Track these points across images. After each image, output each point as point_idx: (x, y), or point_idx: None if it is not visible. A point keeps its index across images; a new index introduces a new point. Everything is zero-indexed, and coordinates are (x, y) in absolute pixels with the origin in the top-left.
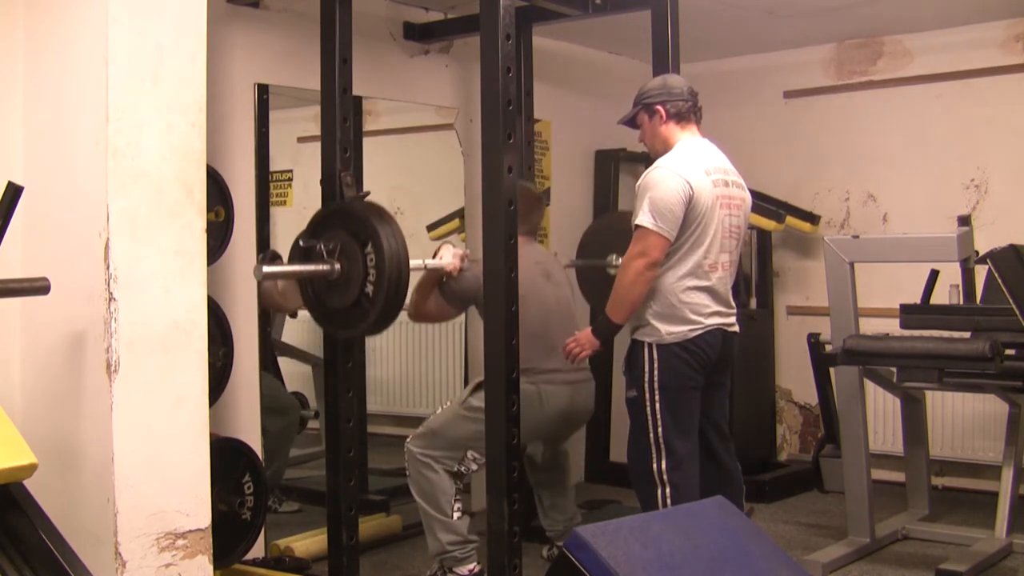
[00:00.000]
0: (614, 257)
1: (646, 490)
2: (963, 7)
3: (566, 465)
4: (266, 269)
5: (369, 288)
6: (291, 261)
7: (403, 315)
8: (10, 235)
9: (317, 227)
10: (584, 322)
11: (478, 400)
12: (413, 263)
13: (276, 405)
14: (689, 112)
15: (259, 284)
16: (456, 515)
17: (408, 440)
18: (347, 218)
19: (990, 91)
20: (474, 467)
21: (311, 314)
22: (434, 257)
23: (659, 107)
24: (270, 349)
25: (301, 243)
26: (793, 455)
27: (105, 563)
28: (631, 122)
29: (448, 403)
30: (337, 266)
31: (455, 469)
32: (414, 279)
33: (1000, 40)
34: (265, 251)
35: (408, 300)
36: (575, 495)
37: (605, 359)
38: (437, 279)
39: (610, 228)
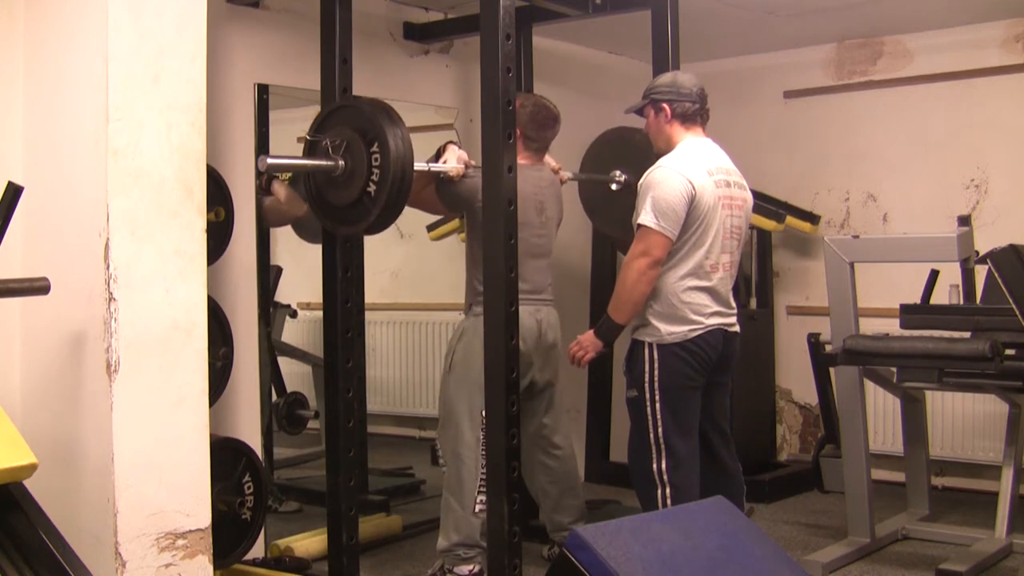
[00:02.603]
0: (617, 172)
1: (646, 490)
2: (963, 7)
3: (564, 448)
4: (270, 161)
5: (372, 187)
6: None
7: (403, 315)
8: (10, 235)
9: (325, 122)
10: (573, 309)
11: (456, 358)
12: (418, 166)
13: None
14: (695, 114)
15: (260, 203)
16: (478, 507)
17: (436, 434)
18: (355, 115)
19: (990, 91)
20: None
21: (312, 208)
22: (439, 159)
23: (665, 105)
24: (270, 349)
25: (308, 136)
26: (793, 455)
27: (105, 563)
28: (640, 111)
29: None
30: (341, 163)
31: (480, 436)
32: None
33: (1000, 40)
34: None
35: None
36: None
37: (605, 359)
38: (435, 175)
39: (616, 142)
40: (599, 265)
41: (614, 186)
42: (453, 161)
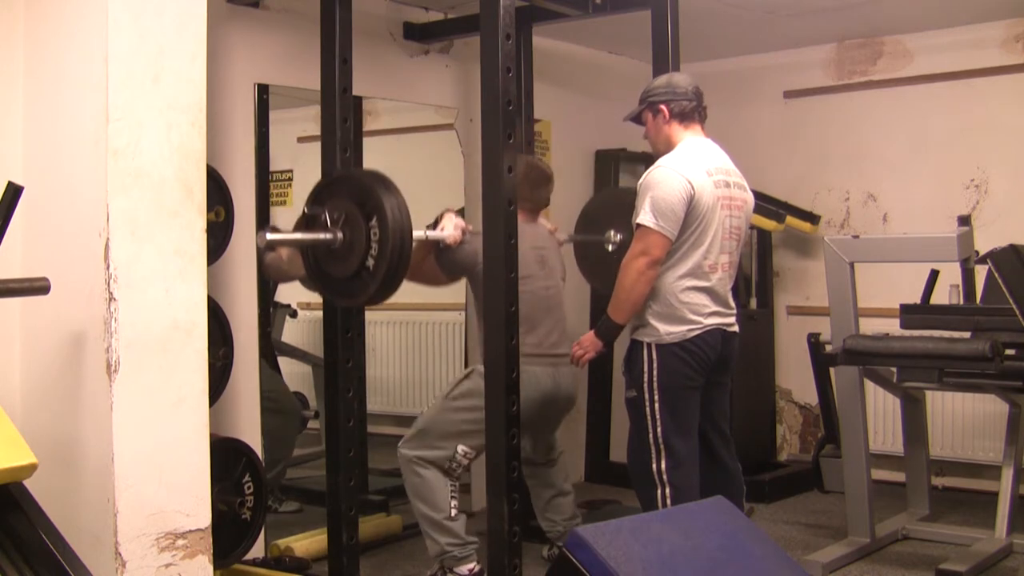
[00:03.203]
0: (612, 232)
1: (646, 490)
2: (963, 7)
3: (558, 461)
4: (269, 236)
5: (371, 261)
6: (296, 226)
7: (403, 315)
8: (10, 235)
9: (322, 194)
10: (572, 309)
11: (463, 389)
12: (415, 234)
13: (277, 406)
14: (693, 112)
15: (262, 257)
16: (454, 512)
17: (399, 444)
18: (352, 186)
19: (990, 91)
20: (465, 462)
21: (310, 279)
22: (435, 227)
23: (663, 106)
24: (270, 349)
25: (306, 210)
26: (793, 455)
27: (105, 563)
28: (636, 119)
29: (432, 401)
30: (340, 235)
31: (446, 466)
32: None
33: (1000, 40)
34: (265, 227)
35: None
36: (575, 495)
37: (605, 359)
38: (434, 245)
39: (610, 203)
40: None
41: (610, 247)
42: (451, 228)
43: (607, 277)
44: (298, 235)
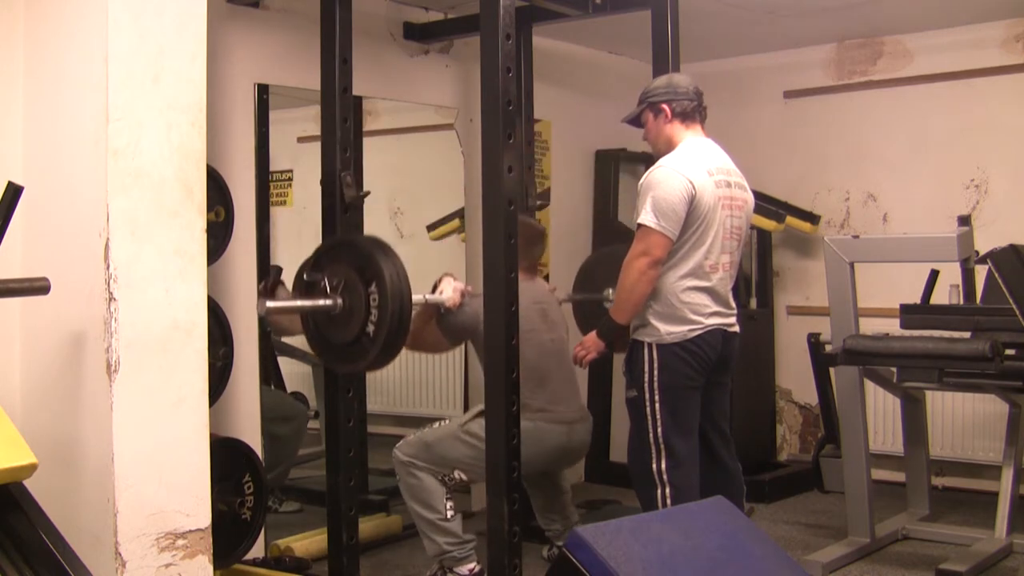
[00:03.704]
0: (611, 291)
1: (646, 490)
2: (963, 7)
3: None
4: (269, 304)
5: (371, 327)
6: (295, 290)
7: None
8: (10, 235)
9: (321, 259)
10: (569, 308)
11: (478, 427)
12: (414, 298)
13: (283, 412)
14: (694, 112)
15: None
16: (450, 512)
17: (396, 446)
18: (351, 252)
19: (990, 91)
20: (459, 482)
21: (311, 347)
22: (434, 290)
23: (664, 106)
24: (270, 350)
25: (305, 276)
26: (793, 455)
27: (105, 563)
28: (635, 121)
29: (447, 421)
30: (339, 301)
31: (440, 477)
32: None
33: (1000, 40)
34: (267, 275)
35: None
36: (574, 495)
37: (605, 359)
38: (435, 310)
39: (607, 261)
40: None
41: (607, 305)
42: (449, 291)
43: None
44: (298, 303)
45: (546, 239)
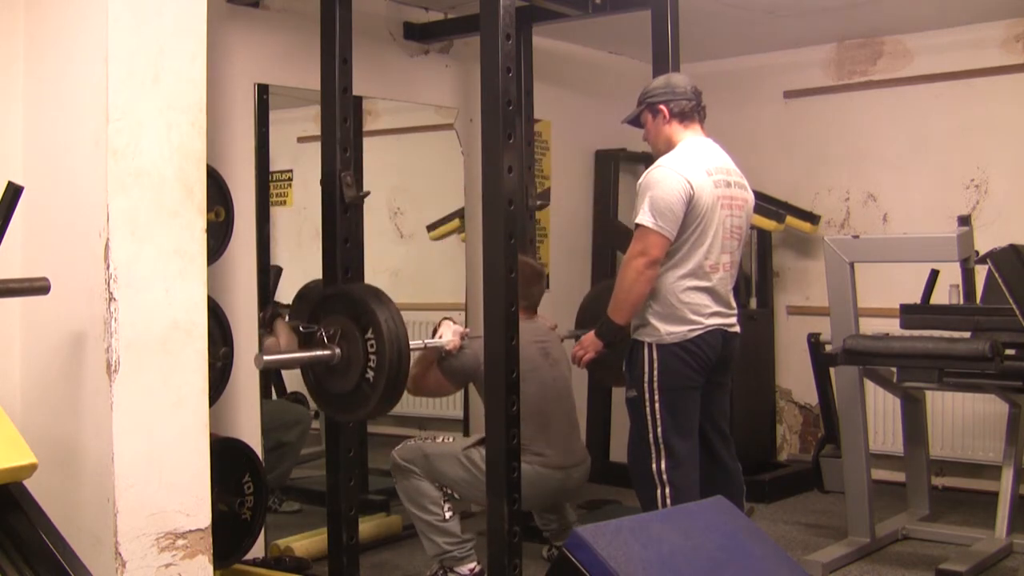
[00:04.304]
0: None
1: (646, 490)
2: (963, 7)
3: None
4: (266, 358)
5: (370, 374)
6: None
7: (403, 315)
8: (10, 235)
9: (317, 310)
10: (568, 306)
11: (479, 456)
12: (413, 344)
13: (288, 419)
14: (693, 111)
15: (262, 341)
16: (448, 514)
17: (395, 449)
18: (346, 302)
19: (990, 91)
20: (453, 495)
21: (312, 398)
22: (434, 335)
23: (662, 106)
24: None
25: (301, 328)
26: (793, 455)
27: (105, 563)
28: (635, 121)
29: (450, 438)
30: (338, 351)
31: (435, 484)
32: (413, 358)
33: (1000, 40)
34: (266, 308)
35: (410, 374)
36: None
37: (604, 359)
38: (436, 355)
39: (607, 295)
40: (599, 265)
41: None
42: (449, 335)
43: (608, 370)
44: (296, 355)
45: (544, 278)
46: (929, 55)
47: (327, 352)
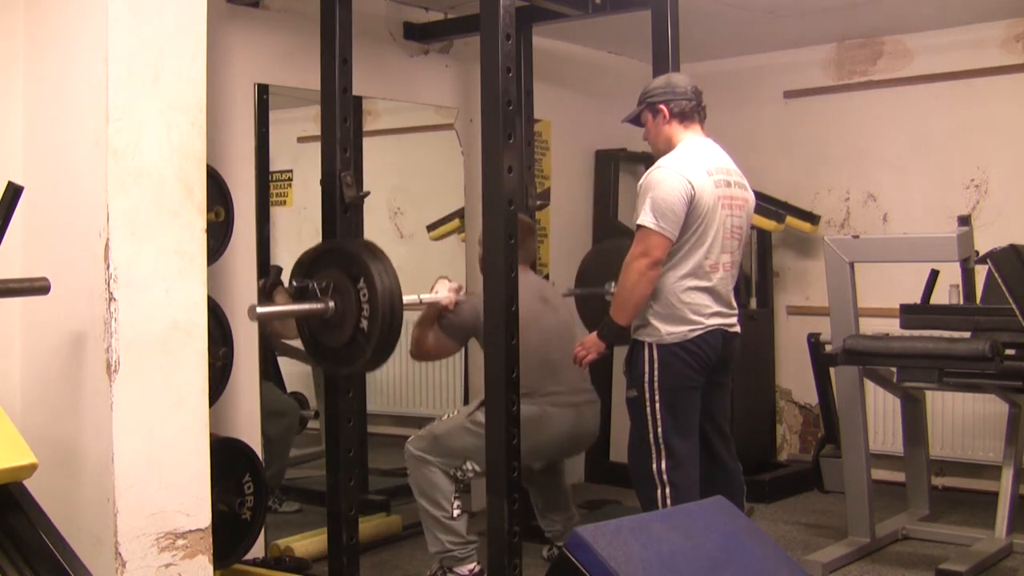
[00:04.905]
0: (612, 284)
1: (646, 490)
2: (963, 7)
3: (560, 468)
4: (260, 310)
5: (364, 324)
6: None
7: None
8: (10, 235)
9: (310, 266)
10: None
11: (484, 416)
12: (408, 298)
13: (275, 408)
14: (693, 111)
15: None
16: (456, 512)
17: (408, 440)
18: (339, 256)
19: (990, 91)
20: (471, 475)
21: (309, 354)
22: (430, 292)
23: (662, 106)
24: (270, 350)
25: (295, 283)
26: (793, 455)
27: (105, 563)
28: (635, 120)
29: (455, 411)
30: (331, 304)
31: (452, 473)
32: (411, 315)
33: (1000, 40)
34: (267, 273)
35: (411, 337)
36: (574, 495)
37: (605, 359)
38: (436, 314)
39: (608, 255)
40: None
41: (608, 298)
42: (444, 291)
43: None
44: (289, 307)
45: (537, 233)
46: (929, 55)
47: (320, 305)
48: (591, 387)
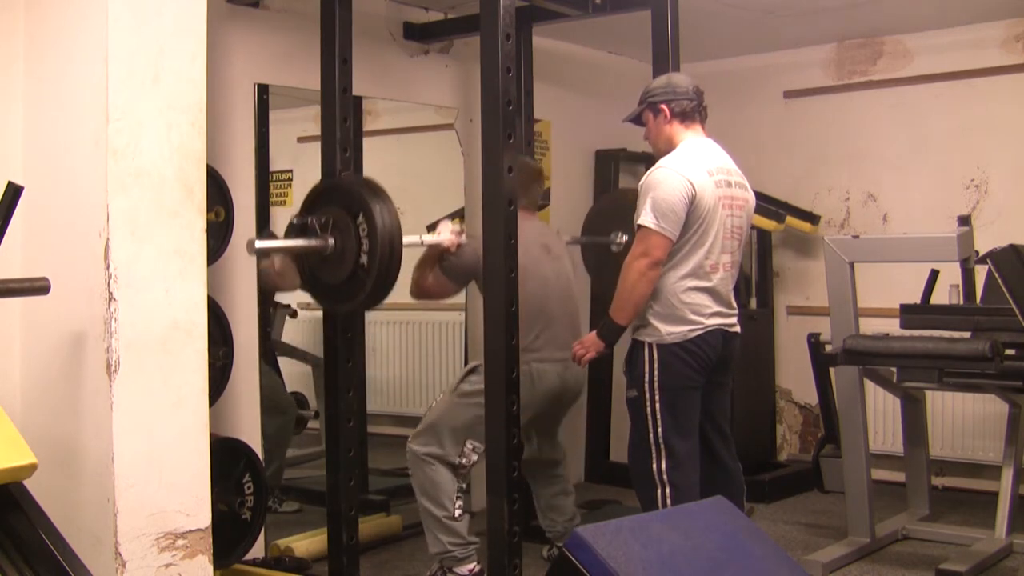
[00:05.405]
0: (617, 235)
1: (646, 490)
2: (963, 7)
3: (562, 461)
4: (259, 244)
5: (364, 259)
6: (286, 237)
7: (403, 315)
8: (10, 235)
9: (311, 204)
10: (584, 299)
11: (470, 385)
12: (410, 239)
13: (273, 404)
14: (694, 111)
15: (257, 264)
16: (458, 512)
17: (409, 440)
18: (339, 193)
19: (990, 91)
20: (474, 457)
21: (308, 290)
22: (431, 232)
23: (663, 106)
24: (270, 349)
25: (295, 220)
26: (793, 455)
27: (105, 563)
28: (636, 120)
29: (440, 395)
30: (330, 240)
31: (456, 462)
32: (412, 255)
33: (1000, 40)
34: (263, 229)
35: (411, 278)
36: (575, 496)
37: (605, 359)
38: (437, 255)
39: (614, 206)
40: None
41: (614, 248)
42: (446, 232)
43: (613, 277)
44: (289, 242)
45: (544, 178)
46: (929, 55)
47: (320, 242)
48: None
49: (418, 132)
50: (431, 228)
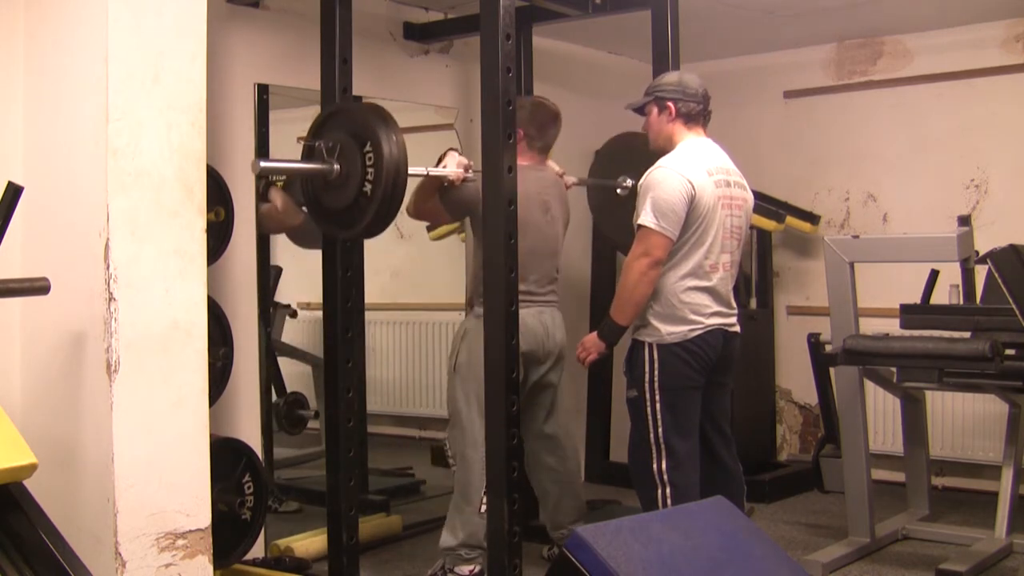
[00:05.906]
0: (624, 178)
1: (646, 490)
2: (963, 7)
3: (571, 449)
4: (263, 164)
5: (367, 187)
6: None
7: (403, 315)
8: (10, 235)
9: (319, 128)
10: (571, 310)
11: (463, 360)
12: (416, 169)
13: None
14: (699, 115)
15: (257, 209)
16: (483, 507)
17: (447, 447)
18: (348, 119)
19: (990, 91)
20: None
21: (309, 213)
22: (438, 164)
23: (670, 103)
24: (271, 351)
25: (300, 140)
26: (793, 455)
27: (105, 563)
28: (639, 110)
29: (446, 395)
30: (336, 166)
31: (480, 437)
32: (414, 183)
33: (1000, 40)
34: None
35: (408, 198)
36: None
37: (605, 359)
38: (438, 185)
39: (623, 149)
40: (599, 267)
41: (620, 191)
42: (453, 166)
43: (616, 221)
44: (293, 164)
45: (560, 121)
46: (929, 55)
47: (325, 166)
48: (553, 294)
49: (418, 132)
50: (439, 162)
